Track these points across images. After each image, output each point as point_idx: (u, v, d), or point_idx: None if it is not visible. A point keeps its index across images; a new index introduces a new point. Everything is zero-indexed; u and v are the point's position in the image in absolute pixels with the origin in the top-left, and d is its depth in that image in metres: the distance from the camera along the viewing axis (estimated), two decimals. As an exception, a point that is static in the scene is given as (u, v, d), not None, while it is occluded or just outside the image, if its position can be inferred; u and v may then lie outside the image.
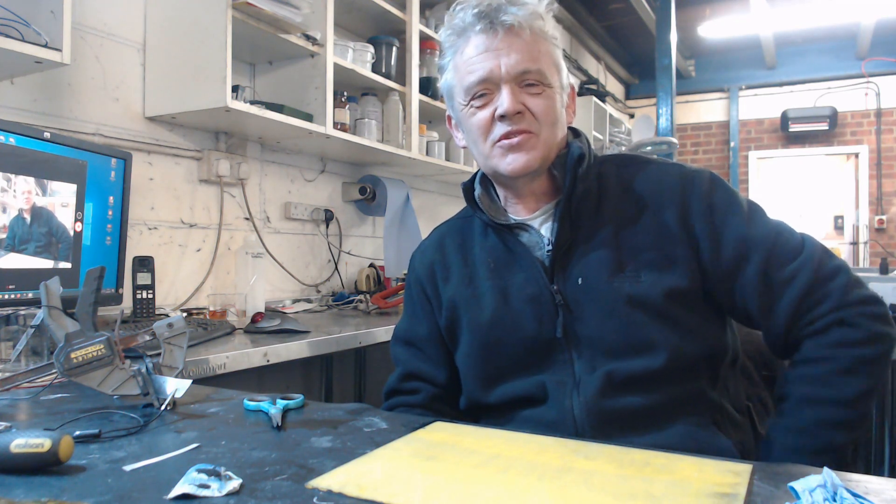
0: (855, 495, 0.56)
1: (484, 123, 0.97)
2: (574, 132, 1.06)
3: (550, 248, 0.98)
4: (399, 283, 2.54)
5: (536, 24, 0.96)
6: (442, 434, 0.80)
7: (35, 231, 1.40)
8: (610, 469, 0.67)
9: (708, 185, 0.97)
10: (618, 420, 0.92)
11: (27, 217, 1.39)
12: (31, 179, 1.40)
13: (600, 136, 5.10)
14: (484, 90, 0.96)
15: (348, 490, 0.60)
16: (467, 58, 0.97)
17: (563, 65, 1.02)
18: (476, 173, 1.10)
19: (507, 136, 0.96)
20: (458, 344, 1.06)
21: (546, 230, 1.01)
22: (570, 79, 1.04)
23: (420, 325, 1.11)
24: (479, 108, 0.98)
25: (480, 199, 1.06)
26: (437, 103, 2.91)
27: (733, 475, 0.65)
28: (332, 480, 0.63)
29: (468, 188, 1.08)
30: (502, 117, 0.95)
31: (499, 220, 1.02)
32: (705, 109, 7.27)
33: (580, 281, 0.96)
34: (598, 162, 1.03)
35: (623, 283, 0.93)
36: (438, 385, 1.09)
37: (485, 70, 0.95)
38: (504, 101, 0.94)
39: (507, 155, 0.97)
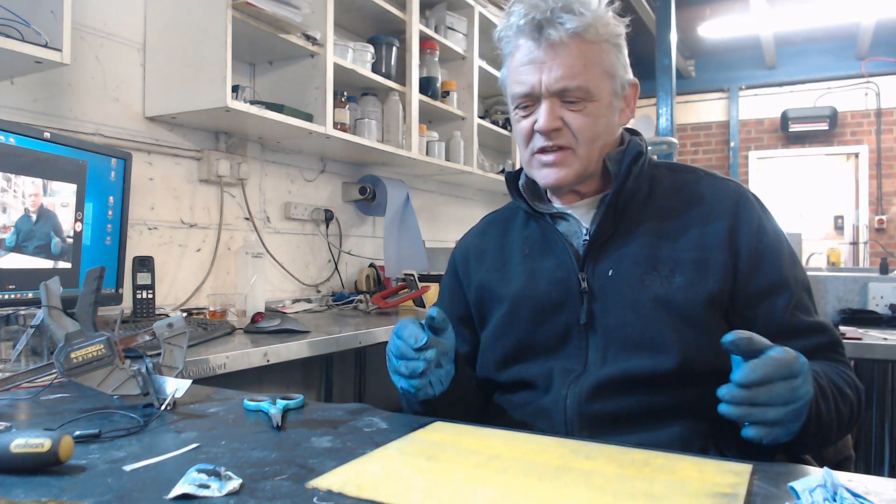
0: (855, 495, 0.56)
1: (526, 132, 1.00)
2: (632, 133, 1.08)
3: (588, 237, 1.01)
4: (399, 283, 2.53)
5: (588, 34, 0.94)
6: (442, 434, 0.80)
7: (39, 231, 1.40)
8: (610, 469, 0.67)
9: (760, 207, 1.00)
10: (607, 418, 0.93)
11: (33, 217, 1.39)
12: (39, 181, 1.40)
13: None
14: (527, 102, 0.99)
15: (348, 490, 0.60)
16: (516, 65, 0.99)
17: (620, 66, 0.99)
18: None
19: (543, 150, 0.98)
20: (487, 323, 1.09)
21: (587, 220, 1.03)
22: (629, 75, 1.02)
23: (449, 303, 1.16)
24: (523, 116, 1.00)
25: (524, 187, 1.08)
26: (438, 103, 2.91)
27: (733, 475, 0.65)
28: (332, 480, 0.63)
29: (512, 177, 1.11)
30: (540, 131, 0.97)
31: (538, 208, 1.05)
32: (705, 109, 7.27)
33: (610, 273, 0.97)
34: (652, 165, 1.05)
35: (654, 283, 0.94)
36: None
37: (527, 85, 0.97)
38: (541, 117, 0.96)
39: (542, 168, 1.00)
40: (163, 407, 0.89)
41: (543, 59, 0.95)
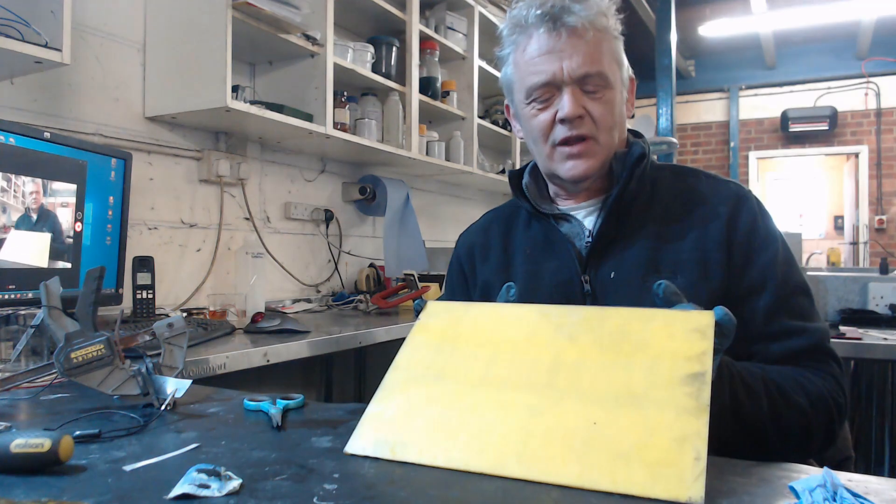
0: (855, 495, 0.56)
1: (545, 126, 0.99)
2: (635, 134, 1.08)
3: (590, 239, 1.00)
4: (399, 283, 2.53)
5: (600, 23, 0.96)
6: (434, 335, 0.81)
7: (39, 231, 1.40)
8: (593, 355, 0.70)
9: (759, 207, 0.99)
10: None
11: (33, 217, 1.39)
12: (39, 181, 1.40)
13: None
14: (546, 93, 0.97)
15: (382, 452, 0.68)
16: (529, 58, 0.97)
17: (625, 58, 1.01)
18: (527, 164, 1.12)
19: (566, 141, 0.97)
20: None
21: (589, 222, 1.03)
22: (629, 70, 1.04)
23: (454, 300, 1.15)
24: (540, 109, 0.99)
25: (528, 187, 1.08)
26: (437, 103, 2.91)
27: (699, 336, 0.68)
28: (364, 443, 0.69)
29: (516, 176, 1.10)
30: (563, 120, 0.96)
31: (542, 209, 1.04)
32: (705, 109, 7.27)
33: (612, 275, 0.97)
34: (654, 168, 1.05)
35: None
36: None
37: (547, 74, 0.95)
38: (565, 104, 0.95)
39: (566, 161, 0.99)
40: (163, 407, 0.88)
41: (562, 47, 0.94)
